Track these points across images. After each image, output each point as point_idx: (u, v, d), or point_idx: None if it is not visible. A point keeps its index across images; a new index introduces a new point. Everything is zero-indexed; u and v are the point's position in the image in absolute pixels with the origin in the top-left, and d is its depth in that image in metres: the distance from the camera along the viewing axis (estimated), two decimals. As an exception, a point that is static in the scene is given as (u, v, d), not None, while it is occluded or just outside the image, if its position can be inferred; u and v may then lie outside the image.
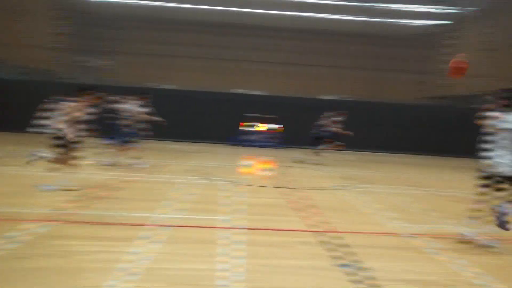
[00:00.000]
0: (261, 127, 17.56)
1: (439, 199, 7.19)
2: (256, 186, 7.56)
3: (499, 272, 3.53)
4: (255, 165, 11.90)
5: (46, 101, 5.85)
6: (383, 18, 22.86)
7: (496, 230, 4.23)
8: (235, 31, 24.37)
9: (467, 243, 4.33)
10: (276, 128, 17.54)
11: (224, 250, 3.66)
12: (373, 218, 5.36)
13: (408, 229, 4.81)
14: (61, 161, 5.68)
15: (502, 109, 4.19)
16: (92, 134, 7.10)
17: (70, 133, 5.65)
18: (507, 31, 19.59)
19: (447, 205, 6.70)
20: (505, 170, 4.08)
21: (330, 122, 11.49)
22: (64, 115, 5.66)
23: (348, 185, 8.01)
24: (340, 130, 11.46)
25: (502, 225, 4.12)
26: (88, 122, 6.20)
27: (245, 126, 17.47)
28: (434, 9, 22.50)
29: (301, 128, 17.69)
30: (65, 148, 5.66)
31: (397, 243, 4.26)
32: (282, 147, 16.93)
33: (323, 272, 3.28)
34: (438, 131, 18.68)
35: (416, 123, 18.37)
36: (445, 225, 5.18)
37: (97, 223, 4.29)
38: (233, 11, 24.02)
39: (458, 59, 4.60)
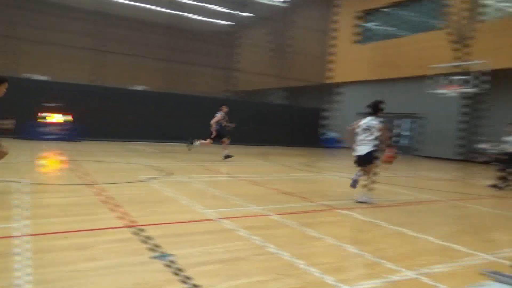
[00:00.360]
0: (52, 117, 15.67)
1: (242, 183, 7.97)
2: (54, 185, 6.72)
3: (289, 241, 4.19)
4: (48, 162, 10.50)
5: None
6: (187, 14, 23.49)
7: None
8: (20, 4, 20.67)
9: (265, 220, 4.99)
10: (66, 119, 15.96)
11: (18, 262, 3.12)
12: (185, 207, 5.52)
13: (217, 213, 5.17)
14: None
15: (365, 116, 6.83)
16: None
17: None
18: (280, 36, 23.18)
19: (248, 188, 7.49)
20: (361, 152, 6.58)
21: (222, 117, 11.74)
22: None
23: (156, 177, 8.00)
24: (227, 124, 11.94)
25: (353, 184, 6.80)
26: None
27: (40, 117, 15.32)
28: (227, 10, 24.62)
29: (95, 119, 16.66)
30: None
31: (208, 228, 4.50)
32: (73, 140, 15.55)
33: (139, 267, 3.18)
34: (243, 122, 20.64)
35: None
36: (247, 206, 5.79)
37: None
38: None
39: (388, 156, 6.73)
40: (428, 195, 8.07)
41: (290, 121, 22.59)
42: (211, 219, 4.87)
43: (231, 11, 23.70)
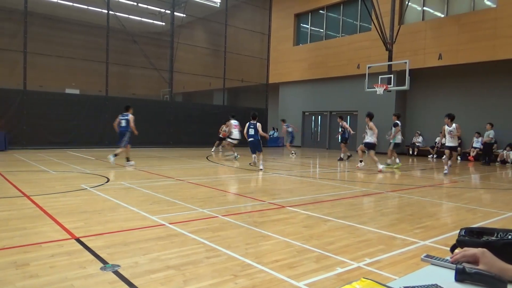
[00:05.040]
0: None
1: (188, 186, 7.88)
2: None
3: (240, 241, 4.24)
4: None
5: None
6: (123, 14, 22.62)
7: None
8: None
9: (214, 222, 4.98)
10: None
11: None
12: (131, 214, 5.35)
13: (165, 218, 5.07)
14: None
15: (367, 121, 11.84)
16: None
17: None
18: (221, 37, 23.29)
19: (194, 191, 7.41)
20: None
21: None
22: None
23: (98, 185, 7.67)
24: None
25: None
26: None
27: None
28: (163, 10, 24.14)
29: (27, 126, 15.48)
30: None
31: (157, 234, 4.40)
32: (1, 150, 14.37)
33: (86, 280, 3.03)
34: (180, 124, 20.30)
35: (162, 118, 19.42)
36: (194, 209, 5.74)
37: None
38: None
39: None
40: (366, 187, 8.53)
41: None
42: (158, 225, 4.77)
43: (169, 11, 23.29)
